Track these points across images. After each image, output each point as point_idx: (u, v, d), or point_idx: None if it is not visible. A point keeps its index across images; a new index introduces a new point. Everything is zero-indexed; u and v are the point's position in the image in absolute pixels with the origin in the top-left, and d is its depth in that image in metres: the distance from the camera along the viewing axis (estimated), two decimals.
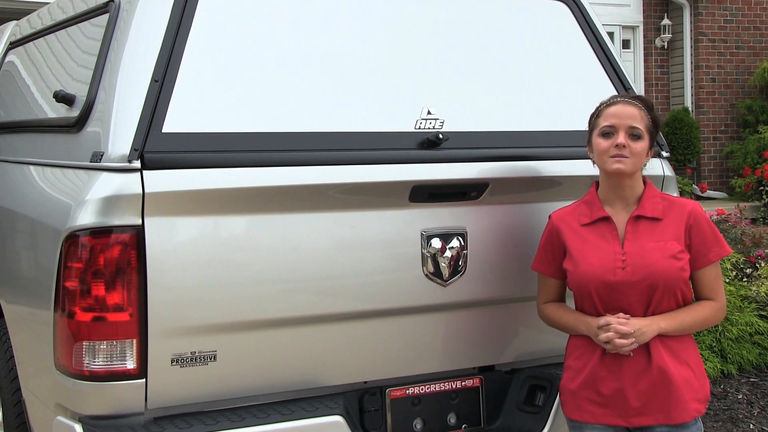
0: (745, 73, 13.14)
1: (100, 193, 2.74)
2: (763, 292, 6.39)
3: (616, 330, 2.86)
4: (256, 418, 2.88)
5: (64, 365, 2.81)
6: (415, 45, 3.29)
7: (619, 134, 2.93)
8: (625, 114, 2.95)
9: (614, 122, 2.95)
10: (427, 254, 3.11)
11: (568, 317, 3.07)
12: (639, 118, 2.96)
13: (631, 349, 2.88)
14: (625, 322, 2.87)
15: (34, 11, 4.45)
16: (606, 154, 2.95)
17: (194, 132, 2.84)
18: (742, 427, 5.29)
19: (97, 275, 2.72)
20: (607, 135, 2.96)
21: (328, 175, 2.96)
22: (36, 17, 4.32)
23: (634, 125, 2.94)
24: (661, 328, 2.90)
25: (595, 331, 2.92)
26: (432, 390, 3.27)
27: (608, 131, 2.96)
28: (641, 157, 2.96)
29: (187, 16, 2.93)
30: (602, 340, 2.89)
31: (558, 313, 3.11)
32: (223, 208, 2.84)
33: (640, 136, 2.95)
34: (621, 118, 2.95)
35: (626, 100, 3.00)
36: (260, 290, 2.89)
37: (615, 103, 3.00)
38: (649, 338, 2.89)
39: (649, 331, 2.89)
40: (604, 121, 2.98)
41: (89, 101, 2.99)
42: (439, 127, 3.17)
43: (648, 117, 2.99)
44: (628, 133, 2.93)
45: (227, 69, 2.95)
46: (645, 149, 2.97)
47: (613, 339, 2.86)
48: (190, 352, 2.82)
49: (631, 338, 2.86)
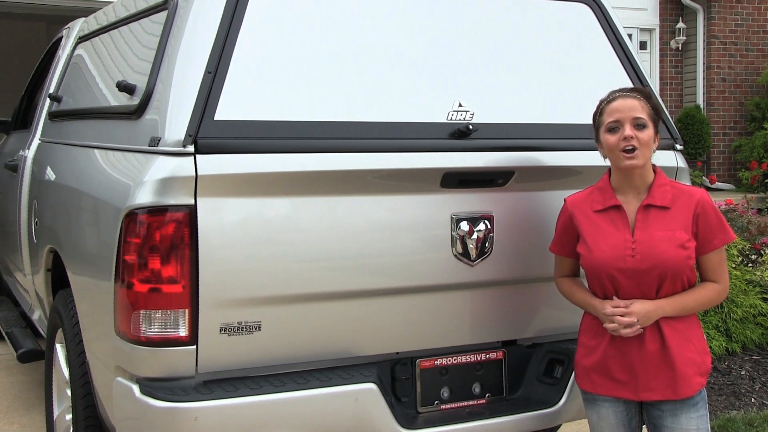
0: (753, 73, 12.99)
1: (157, 174, 2.73)
2: (767, 277, 6.34)
3: (620, 323, 2.83)
4: (297, 383, 2.87)
5: (123, 331, 2.81)
6: (448, 43, 3.25)
7: (624, 127, 2.87)
8: (627, 107, 2.89)
9: (618, 116, 2.89)
10: (456, 236, 3.08)
11: (579, 296, 3.03)
12: (640, 108, 2.90)
13: (636, 332, 2.84)
14: (627, 312, 2.83)
15: (101, 9, 4.45)
16: (617, 149, 2.89)
17: (243, 120, 2.82)
18: (744, 400, 5.26)
19: (153, 250, 2.72)
20: (613, 130, 2.90)
21: (366, 162, 2.93)
22: (102, 14, 4.32)
23: (638, 116, 2.88)
24: (665, 312, 2.85)
25: (603, 316, 2.89)
26: (458, 361, 3.25)
27: (614, 126, 2.90)
28: (649, 145, 2.90)
29: (239, 13, 2.91)
30: (609, 329, 2.87)
31: (572, 290, 3.07)
32: (268, 191, 2.82)
33: (644, 125, 2.88)
34: (624, 112, 2.88)
35: (624, 94, 2.94)
36: (301, 267, 2.87)
37: (615, 99, 2.93)
38: (654, 320, 2.85)
39: (654, 315, 2.84)
40: (608, 117, 2.92)
41: (148, 90, 2.98)
42: (470, 119, 3.14)
43: (648, 105, 2.92)
44: (633, 124, 2.87)
45: (274, 62, 2.93)
46: (651, 137, 2.90)
47: (618, 329, 2.83)
48: (236, 322, 2.81)
49: (636, 326, 2.83)
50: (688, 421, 2.90)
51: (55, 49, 5.30)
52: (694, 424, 2.91)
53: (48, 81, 4.99)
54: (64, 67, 4.80)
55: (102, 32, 4.12)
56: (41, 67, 5.66)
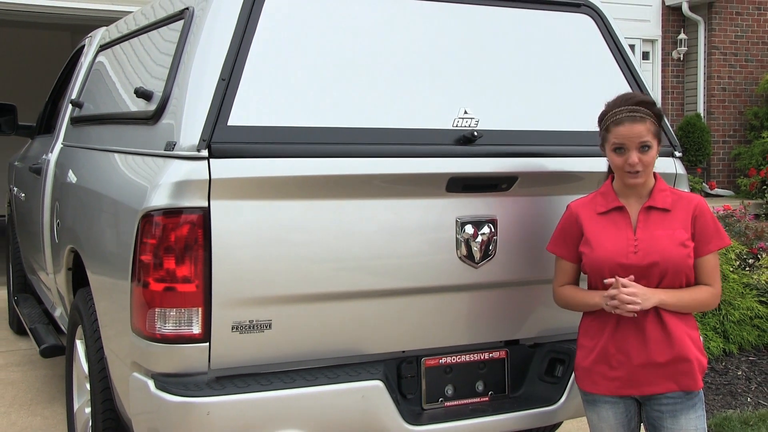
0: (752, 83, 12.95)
1: (172, 178, 2.73)
2: (764, 280, 6.32)
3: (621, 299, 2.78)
4: (306, 380, 2.87)
5: (138, 329, 2.81)
6: (454, 53, 3.24)
7: (631, 153, 2.85)
8: (634, 134, 2.84)
9: (625, 142, 2.86)
10: (460, 239, 3.07)
11: (580, 296, 3.00)
12: (646, 132, 2.86)
13: (635, 309, 2.79)
14: (628, 284, 2.80)
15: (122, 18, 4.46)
16: (621, 170, 2.88)
17: (256, 125, 2.82)
18: (740, 399, 5.24)
19: (168, 251, 2.72)
20: (619, 151, 2.88)
21: (374, 166, 2.93)
22: (123, 23, 4.33)
23: (643, 141, 2.85)
24: (663, 300, 2.83)
25: (604, 300, 2.85)
26: (462, 360, 3.23)
27: (619, 147, 2.88)
28: (653, 163, 2.89)
29: (252, 24, 2.91)
30: (610, 307, 2.82)
31: (572, 293, 3.04)
32: (280, 194, 2.81)
33: (650, 147, 2.87)
34: (630, 138, 2.85)
35: (632, 116, 2.86)
36: (311, 267, 2.86)
37: (622, 122, 2.86)
38: (651, 305, 2.81)
39: (653, 298, 2.81)
40: (614, 138, 2.88)
41: (164, 97, 2.98)
42: (474, 126, 3.13)
43: (654, 124, 2.88)
44: (638, 148, 2.85)
45: (286, 70, 2.93)
46: (655, 154, 2.89)
47: (619, 306, 2.79)
48: (248, 321, 2.81)
49: (636, 299, 2.78)
50: (687, 422, 2.89)
51: (77, 56, 5.32)
52: (693, 425, 2.89)
53: (70, 87, 5.01)
54: (85, 74, 4.81)
55: (122, 41, 4.13)
56: (64, 74, 5.68)
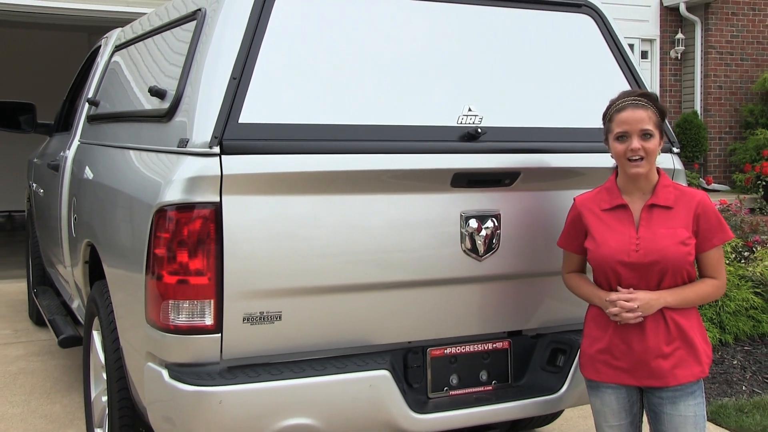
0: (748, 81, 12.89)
1: (185, 174, 2.72)
2: (759, 272, 6.30)
3: (622, 306, 2.80)
4: (315, 370, 2.86)
5: (153, 320, 2.81)
6: (459, 52, 3.23)
7: (632, 139, 2.84)
8: (635, 119, 2.84)
9: (626, 128, 2.85)
10: (465, 233, 3.06)
11: (585, 289, 3.00)
12: (648, 119, 2.85)
13: (636, 319, 2.81)
14: (631, 298, 2.80)
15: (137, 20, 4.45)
16: (624, 158, 2.86)
17: (266, 123, 2.81)
18: (735, 388, 5.23)
19: (181, 244, 2.71)
20: (621, 139, 2.87)
21: (381, 163, 2.91)
22: (138, 24, 4.32)
23: (645, 127, 2.84)
24: (667, 302, 2.83)
25: (607, 303, 2.86)
26: (467, 350, 3.22)
27: (622, 135, 2.87)
28: (654, 153, 2.87)
29: (262, 24, 2.90)
30: (611, 313, 2.84)
31: (578, 284, 3.05)
32: (290, 189, 2.80)
33: (651, 135, 2.85)
34: (632, 124, 2.84)
35: (634, 102, 2.88)
36: (320, 261, 2.85)
37: (624, 108, 2.87)
38: (655, 310, 2.82)
39: (656, 305, 2.81)
40: (617, 126, 2.88)
41: (177, 95, 2.97)
42: (478, 123, 3.11)
43: (656, 114, 2.88)
44: (640, 135, 2.84)
45: (295, 69, 2.91)
46: (657, 145, 2.87)
47: (620, 313, 2.81)
48: (259, 312, 2.80)
49: (637, 312, 2.80)
50: (687, 408, 2.87)
51: (94, 56, 5.32)
52: (692, 411, 2.88)
53: (87, 86, 5.01)
54: (101, 74, 4.81)
55: (137, 41, 4.12)
56: (81, 74, 5.68)
